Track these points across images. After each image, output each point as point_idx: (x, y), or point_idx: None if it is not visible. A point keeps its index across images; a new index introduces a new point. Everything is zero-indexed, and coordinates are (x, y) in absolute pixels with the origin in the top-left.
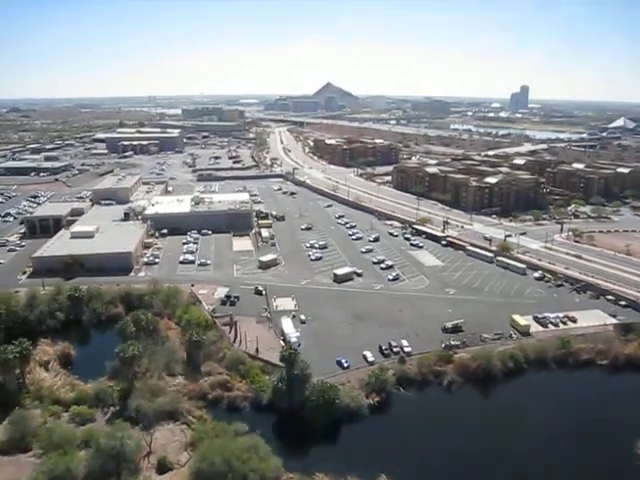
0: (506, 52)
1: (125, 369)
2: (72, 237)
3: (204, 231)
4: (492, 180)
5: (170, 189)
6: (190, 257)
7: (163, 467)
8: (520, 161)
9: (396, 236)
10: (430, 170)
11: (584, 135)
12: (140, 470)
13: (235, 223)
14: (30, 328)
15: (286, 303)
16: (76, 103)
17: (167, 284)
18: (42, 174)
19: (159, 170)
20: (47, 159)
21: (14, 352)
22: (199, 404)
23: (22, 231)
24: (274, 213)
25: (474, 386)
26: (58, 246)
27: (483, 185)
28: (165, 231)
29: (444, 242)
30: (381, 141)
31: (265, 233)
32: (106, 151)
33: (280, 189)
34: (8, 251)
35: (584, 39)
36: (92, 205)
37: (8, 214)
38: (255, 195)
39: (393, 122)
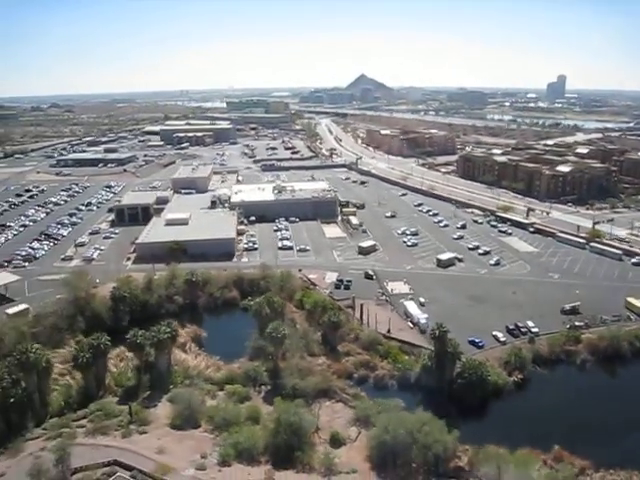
0: (540, 42)
1: (275, 349)
2: (167, 224)
3: (291, 218)
4: (564, 169)
5: (240, 179)
6: (288, 243)
7: (336, 441)
8: (583, 150)
9: (481, 223)
10: (499, 159)
11: (631, 124)
12: (315, 444)
13: (320, 211)
14: (151, 312)
15: (399, 287)
16: (110, 98)
17: (276, 269)
18: (109, 165)
19: (220, 161)
20: (107, 151)
21: (167, 333)
22: (347, 383)
23: (110, 219)
24: (353, 201)
25: (604, 365)
26: (156, 233)
27: (557, 174)
28: (253, 218)
29: (531, 229)
30: (435, 131)
31: (354, 220)
32: (161, 143)
33: (348, 178)
34: (104, 238)
35: (620, 29)
36: (173, 194)
37: (90, 203)
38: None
39: (432, 113)
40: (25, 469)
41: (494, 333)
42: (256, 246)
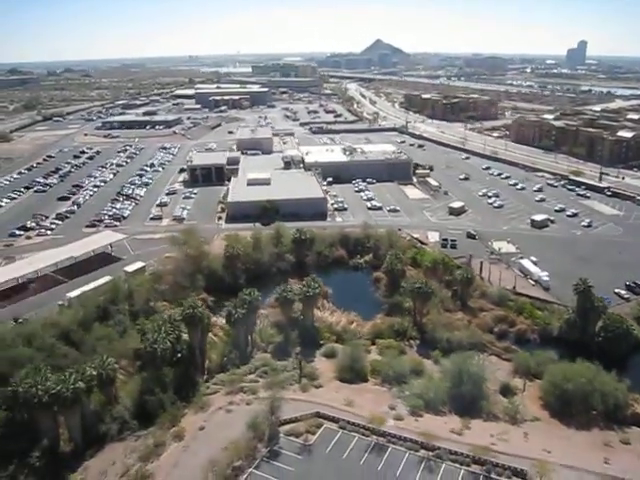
0: (557, 7)
1: (419, 304)
2: (249, 184)
3: (369, 180)
4: (626, 134)
5: (296, 141)
6: (376, 203)
7: (506, 392)
8: (635, 116)
9: (556, 187)
10: (557, 124)
11: None
12: (488, 394)
13: (394, 172)
14: (262, 270)
15: (505, 246)
16: (120, 63)
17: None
18: (157, 127)
19: (265, 124)
20: (147, 114)
21: (315, 289)
22: (490, 337)
23: (180, 179)
24: (421, 164)
25: None
26: (243, 192)
27: (620, 139)
28: (330, 179)
29: (608, 193)
30: (477, 96)
31: (433, 182)
32: (198, 106)
33: (404, 142)
34: (184, 198)
35: None
36: (240, 155)
37: (152, 164)
38: None
39: (454, 79)
40: (218, 422)
41: (616, 290)
42: (345, 206)
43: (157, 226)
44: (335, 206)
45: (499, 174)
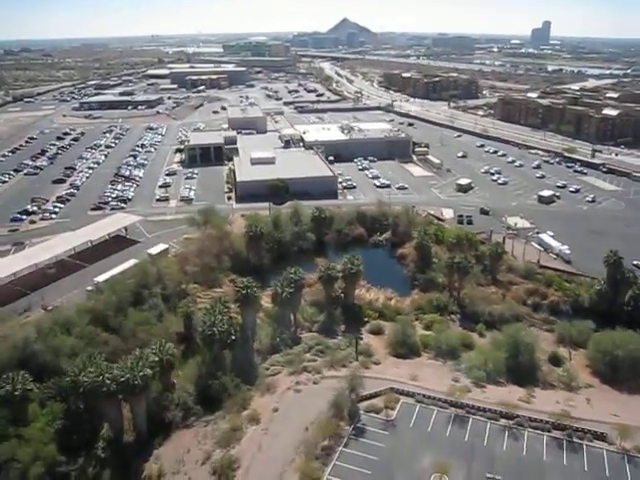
0: None
1: (457, 279)
2: (253, 163)
3: (370, 158)
4: (612, 112)
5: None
6: (384, 181)
7: (555, 361)
8: (614, 94)
9: (552, 164)
10: (543, 102)
11: (628, 70)
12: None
13: (394, 150)
14: (284, 249)
15: (519, 221)
16: (80, 43)
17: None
18: (139, 107)
19: (248, 103)
20: (125, 94)
21: (357, 266)
22: (525, 309)
23: (177, 160)
24: (416, 142)
25: None
26: (250, 172)
27: (606, 117)
28: (331, 158)
29: (604, 169)
30: (456, 75)
31: (435, 160)
32: (174, 86)
33: (392, 120)
34: (187, 179)
35: None
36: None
37: (143, 145)
38: None
39: (423, 58)
40: (289, 403)
41: (634, 262)
42: (354, 184)
43: (165, 207)
44: (344, 184)
45: (495, 152)
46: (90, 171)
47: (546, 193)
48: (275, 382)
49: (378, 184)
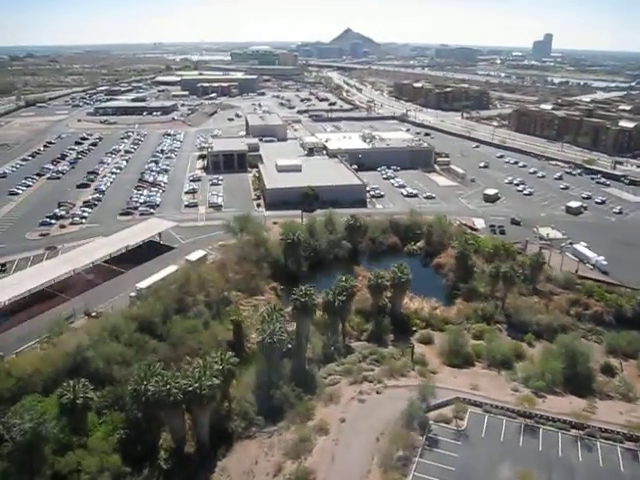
0: (521, 2)
1: (504, 289)
2: (280, 171)
3: (393, 167)
4: (628, 124)
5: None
6: (411, 191)
7: (607, 371)
8: (626, 107)
9: (574, 175)
10: (559, 114)
11: (633, 83)
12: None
13: (416, 160)
14: (320, 257)
15: (551, 231)
16: (83, 50)
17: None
18: (154, 113)
19: (262, 111)
20: (136, 100)
21: (405, 275)
22: (569, 319)
23: (199, 166)
24: (437, 151)
25: None
26: (278, 179)
27: (623, 129)
28: (355, 166)
29: (626, 181)
30: (467, 86)
31: (458, 170)
32: (185, 93)
33: (409, 130)
34: (212, 185)
35: None
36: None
37: (163, 151)
38: None
39: (427, 69)
40: (355, 413)
41: None
42: (382, 193)
43: (195, 213)
44: (372, 193)
45: (515, 162)
46: (113, 176)
47: (574, 204)
48: (337, 392)
49: (405, 193)
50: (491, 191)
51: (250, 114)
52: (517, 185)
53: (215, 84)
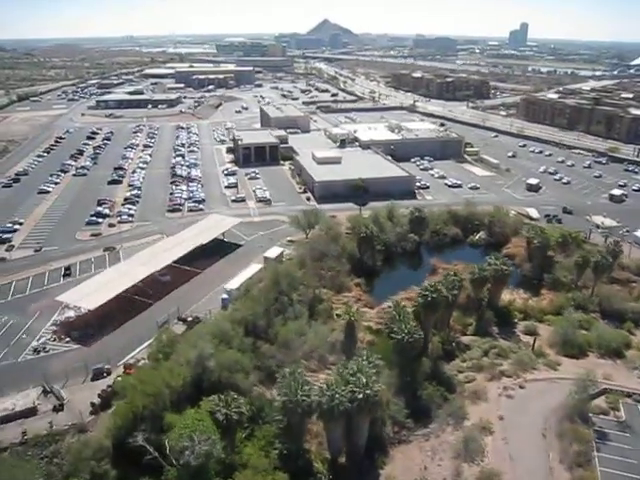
0: None
1: (595, 278)
2: (319, 163)
3: (427, 158)
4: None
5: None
6: (455, 181)
7: None
8: (629, 95)
9: (605, 163)
10: (570, 102)
11: (615, 72)
12: None
13: (447, 150)
14: (390, 251)
15: (604, 219)
16: (53, 43)
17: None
18: (160, 106)
19: (266, 103)
20: (134, 93)
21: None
22: None
23: (228, 160)
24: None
25: None
26: (325, 172)
27: (636, 117)
28: (388, 157)
29: None
30: (466, 75)
31: (492, 160)
32: (181, 85)
33: (423, 120)
34: (250, 179)
35: None
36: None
37: (183, 144)
38: None
39: (410, 59)
40: (510, 409)
41: None
42: (427, 184)
43: (245, 208)
44: (417, 184)
45: (540, 152)
46: (143, 172)
47: (617, 192)
48: (479, 389)
49: (450, 184)
50: (533, 180)
51: (265, 105)
52: (552, 174)
53: (211, 76)
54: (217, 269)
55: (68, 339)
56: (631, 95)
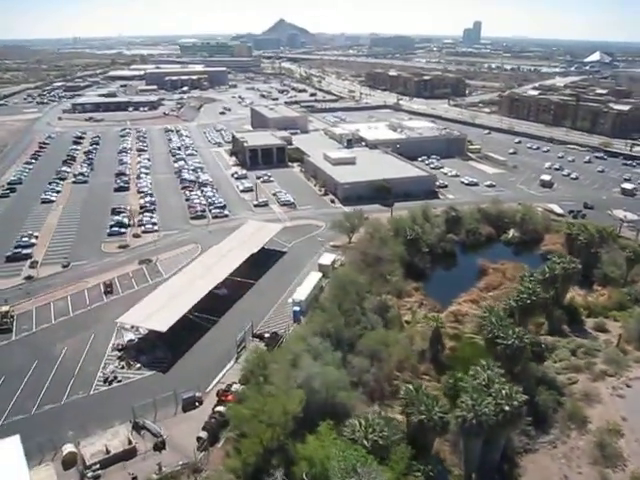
0: None
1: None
2: (334, 164)
3: (434, 156)
4: (624, 107)
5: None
6: (472, 179)
7: None
8: (603, 91)
9: (605, 159)
10: (554, 99)
11: (572, 69)
12: None
13: (451, 148)
14: (432, 251)
15: (627, 214)
16: None
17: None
18: (142, 109)
19: (245, 104)
20: (108, 95)
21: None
22: None
23: (232, 163)
24: None
25: None
26: (347, 173)
27: (620, 112)
28: (401, 157)
29: None
30: (439, 73)
31: (498, 157)
32: (154, 87)
33: (412, 118)
34: (263, 182)
35: None
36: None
37: (179, 148)
38: None
39: (372, 58)
40: (629, 410)
41: None
42: (446, 183)
43: (270, 213)
44: (437, 183)
45: (537, 148)
46: (148, 177)
47: (629, 186)
48: (589, 390)
49: (467, 182)
50: (546, 177)
51: (257, 106)
52: (559, 170)
53: (184, 77)
54: (270, 279)
55: (138, 365)
56: (605, 91)
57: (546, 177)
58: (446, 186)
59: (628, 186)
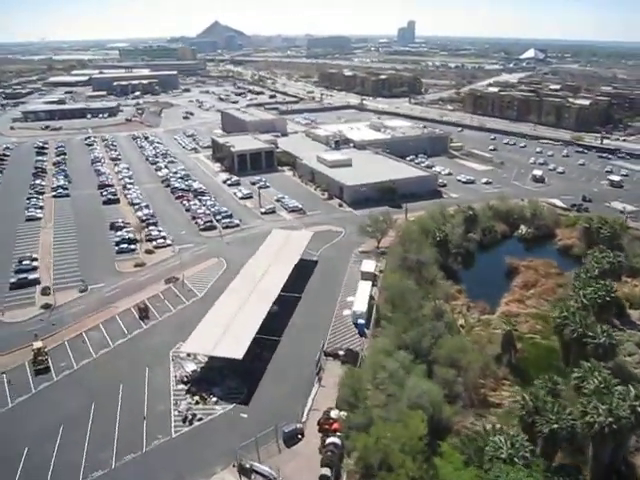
0: None
1: None
2: (332, 166)
3: (421, 155)
4: (585, 102)
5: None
6: (469, 177)
7: None
8: (556, 86)
9: (585, 153)
10: (516, 95)
11: (510, 65)
12: None
13: (435, 146)
14: (456, 252)
15: (625, 206)
16: None
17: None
18: (100, 115)
19: (207, 107)
20: (58, 103)
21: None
22: None
23: (218, 169)
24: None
25: None
26: (350, 176)
27: (582, 106)
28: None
29: (620, 154)
30: (393, 72)
31: (485, 154)
32: (103, 92)
33: (380, 117)
34: (259, 188)
35: None
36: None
37: (157, 155)
38: None
39: (312, 58)
40: None
41: None
42: (445, 182)
43: (281, 220)
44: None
45: (514, 144)
46: (135, 187)
47: (616, 177)
48: None
49: (464, 180)
50: (538, 172)
51: (227, 109)
52: (544, 165)
53: (134, 82)
54: (313, 291)
55: (215, 399)
56: (559, 86)
57: (538, 172)
58: (445, 185)
59: (615, 178)
